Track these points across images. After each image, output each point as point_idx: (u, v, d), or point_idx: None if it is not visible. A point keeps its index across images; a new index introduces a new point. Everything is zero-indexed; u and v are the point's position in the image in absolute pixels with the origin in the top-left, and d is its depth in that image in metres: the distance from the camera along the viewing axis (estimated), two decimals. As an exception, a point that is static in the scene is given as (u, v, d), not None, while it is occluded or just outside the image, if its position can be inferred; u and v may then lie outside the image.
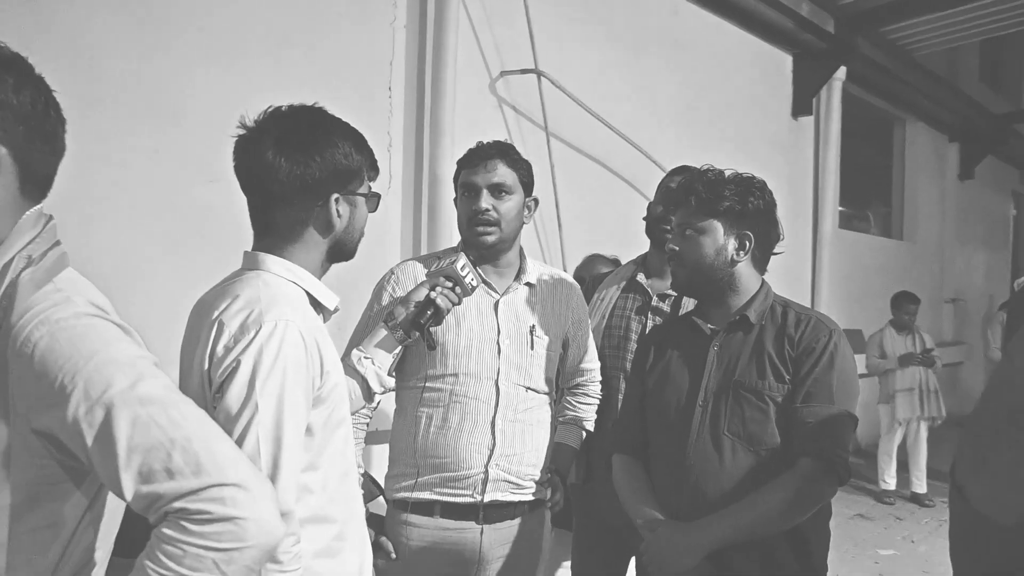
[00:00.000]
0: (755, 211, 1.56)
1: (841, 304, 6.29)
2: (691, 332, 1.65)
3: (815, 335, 1.51)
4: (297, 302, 1.21)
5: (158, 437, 0.89)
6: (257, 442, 1.08)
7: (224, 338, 1.12)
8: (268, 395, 1.09)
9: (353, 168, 1.27)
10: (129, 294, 2.80)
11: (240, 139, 1.25)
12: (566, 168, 4.24)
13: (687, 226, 1.57)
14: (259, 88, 3.02)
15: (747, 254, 1.57)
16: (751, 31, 5.54)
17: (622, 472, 1.68)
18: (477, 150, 1.80)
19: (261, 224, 1.27)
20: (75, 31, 2.62)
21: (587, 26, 4.39)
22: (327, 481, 1.23)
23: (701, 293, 1.63)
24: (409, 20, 3.66)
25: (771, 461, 1.48)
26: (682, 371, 1.62)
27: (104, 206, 2.70)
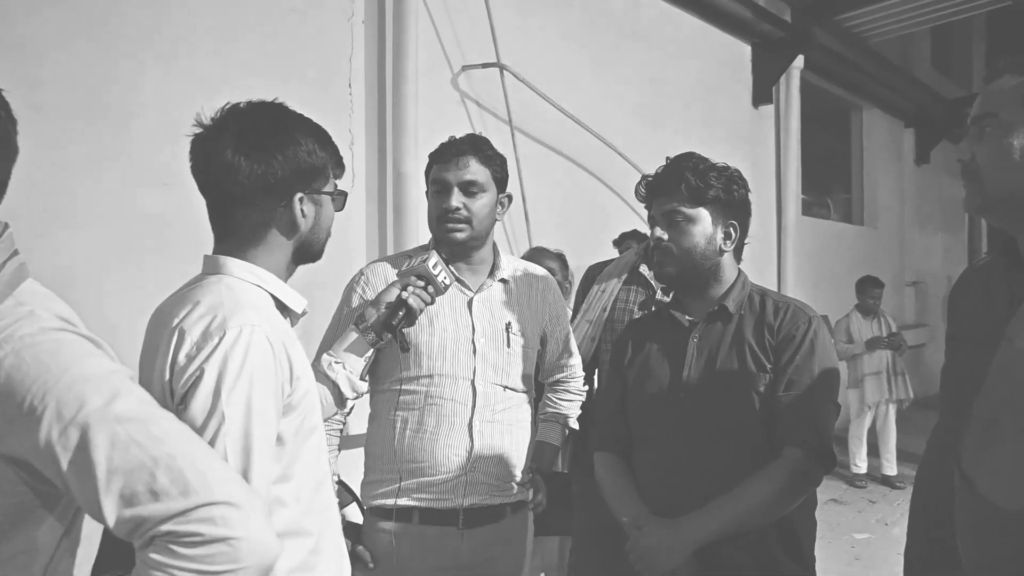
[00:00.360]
0: (740, 201, 1.56)
1: (807, 290, 6.37)
2: (669, 324, 1.62)
3: (794, 323, 1.49)
4: (262, 306, 1.15)
5: (139, 457, 0.83)
6: (225, 454, 1.02)
7: (186, 346, 1.06)
8: (235, 404, 1.03)
9: (317, 166, 1.21)
10: (80, 305, 2.66)
11: (197, 138, 1.18)
12: (532, 162, 4.20)
13: (676, 214, 1.53)
14: (210, 87, 2.90)
15: (733, 244, 1.56)
16: (710, 21, 5.56)
17: (605, 470, 1.64)
18: (449, 145, 1.74)
19: (222, 227, 1.21)
20: (15, 31, 2.49)
21: (547, 18, 4.36)
22: (301, 492, 1.17)
23: (687, 285, 1.58)
24: (368, 15, 3.58)
25: (755, 452, 1.46)
26: (662, 365, 1.59)
27: (50, 213, 2.58)
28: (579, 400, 2.00)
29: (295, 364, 1.15)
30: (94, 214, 2.68)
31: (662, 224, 1.55)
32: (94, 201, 2.68)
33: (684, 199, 1.52)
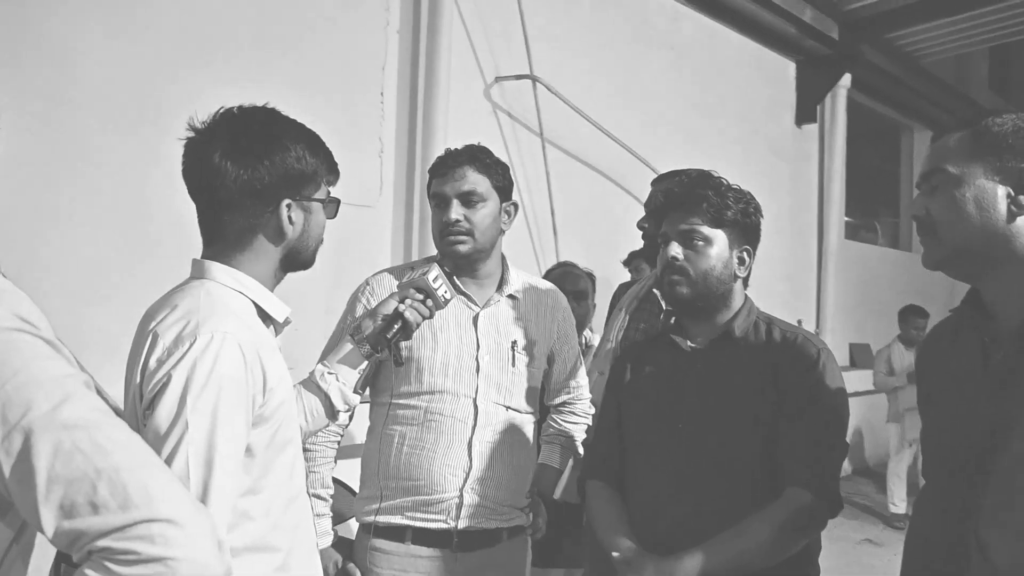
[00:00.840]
0: (755, 227, 1.49)
1: (847, 317, 6.17)
2: (670, 349, 1.54)
3: (802, 354, 1.41)
4: (241, 313, 1.13)
5: (82, 467, 0.79)
6: (186, 464, 0.99)
7: (157, 351, 1.04)
8: (200, 413, 1.00)
9: (307, 172, 1.19)
10: (111, 302, 2.72)
11: (188, 142, 1.17)
12: (562, 174, 4.16)
13: (695, 234, 1.45)
14: (244, 93, 2.93)
15: (746, 270, 1.49)
16: (752, 37, 5.46)
17: (596, 500, 1.56)
18: (445, 157, 1.70)
19: (209, 231, 1.20)
20: (56, 34, 2.55)
21: (583, 31, 4.32)
22: (270, 507, 1.14)
23: (698, 309, 1.50)
24: (403, 25, 3.59)
25: (755, 489, 1.36)
26: (660, 391, 1.51)
27: (83, 211, 2.63)
28: (585, 422, 1.93)
29: (269, 374, 1.12)
30: (125, 213, 2.72)
31: (679, 242, 1.47)
32: (125, 201, 2.72)
33: (704, 219, 1.45)
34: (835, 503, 1.36)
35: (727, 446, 1.39)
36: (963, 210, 1.05)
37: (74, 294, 2.54)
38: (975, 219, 1.04)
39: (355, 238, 3.41)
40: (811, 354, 1.41)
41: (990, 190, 1.04)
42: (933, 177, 1.10)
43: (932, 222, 1.09)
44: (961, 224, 1.05)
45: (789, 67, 5.90)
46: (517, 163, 4.06)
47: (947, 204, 1.06)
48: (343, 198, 3.79)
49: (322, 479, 1.68)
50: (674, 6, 4.89)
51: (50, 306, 2.58)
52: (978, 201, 1.04)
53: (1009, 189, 1.03)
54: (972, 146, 1.06)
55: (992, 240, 1.04)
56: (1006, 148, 1.03)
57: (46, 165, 2.56)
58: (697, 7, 5.01)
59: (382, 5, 3.50)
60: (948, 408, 1.12)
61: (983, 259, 1.06)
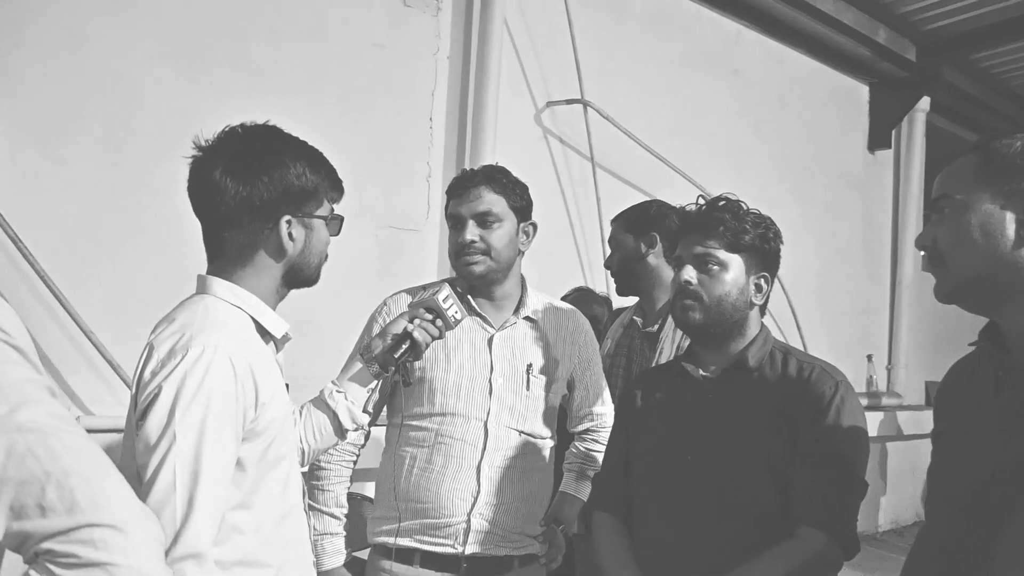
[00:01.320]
0: (773, 253, 1.45)
1: (923, 353, 5.82)
2: (681, 378, 1.49)
3: (818, 387, 1.35)
4: (236, 328, 1.14)
5: (33, 470, 0.80)
6: (173, 475, 1.01)
7: (152, 363, 1.08)
8: (188, 425, 1.02)
9: (307, 189, 1.21)
10: (152, 318, 2.81)
11: (193, 160, 1.21)
12: (613, 200, 4.08)
13: (710, 258, 1.41)
14: (293, 119, 3.01)
15: (763, 298, 1.45)
16: (821, 59, 5.27)
17: (602, 532, 1.51)
18: (461, 177, 1.70)
19: (212, 247, 1.23)
20: (111, 61, 2.69)
21: (637, 54, 4.27)
22: (261, 522, 1.14)
23: (711, 336, 1.45)
24: (452, 51, 3.64)
25: (766, 526, 1.31)
26: (670, 421, 1.47)
27: (135, 230, 2.74)
28: None
29: (262, 389, 1.13)
30: (179, 237, 2.82)
31: (693, 266, 1.43)
32: (180, 224, 2.82)
33: (719, 243, 1.41)
34: (851, 545, 1.30)
35: (735, 482, 1.34)
36: (969, 237, 1.00)
37: (125, 312, 2.64)
38: (981, 246, 0.99)
39: (402, 261, 3.44)
40: (827, 388, 1.36)
41: (997, 215, 0.99)
42: (940, 204, 1.05)
43: (940, 252, 1.04)
44: (968, 253, 1.00)
45: (862, 90, 5.67)
46: (568, 188, 4.03)
47: (953, 232, 1.02)
48: (390, 222, 3.87)
49: (336, 498, 1.69)
50: (736, 28, 4.78)
51: (100, 322, 2.70)
52: (984, 227, 0.99)
53: (1017, 213, 0.96)
54: (979, 170, 1.01)
55: (1001, 268, 0.98)
56: (1014, 170, 0.97)
57: (108, 190, 2.69)
58: (761, 29, 4.88)
59: (432, 32, 3.55)
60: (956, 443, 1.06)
61: (995, 289, 0.99)
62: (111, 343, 2.61)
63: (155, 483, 1.00)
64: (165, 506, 0.99)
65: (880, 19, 5.14)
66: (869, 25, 5.10)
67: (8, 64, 2.50)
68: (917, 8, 5.06)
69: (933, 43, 5.49)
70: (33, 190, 2.54)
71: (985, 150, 1.01)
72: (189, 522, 1.00)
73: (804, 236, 5.13)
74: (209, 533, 1.03)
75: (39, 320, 2.56)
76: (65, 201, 2.60)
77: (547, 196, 3.86)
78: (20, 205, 2.47)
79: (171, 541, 0.98)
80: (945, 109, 6.09)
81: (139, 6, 2.74)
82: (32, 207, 2.52)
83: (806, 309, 5.02)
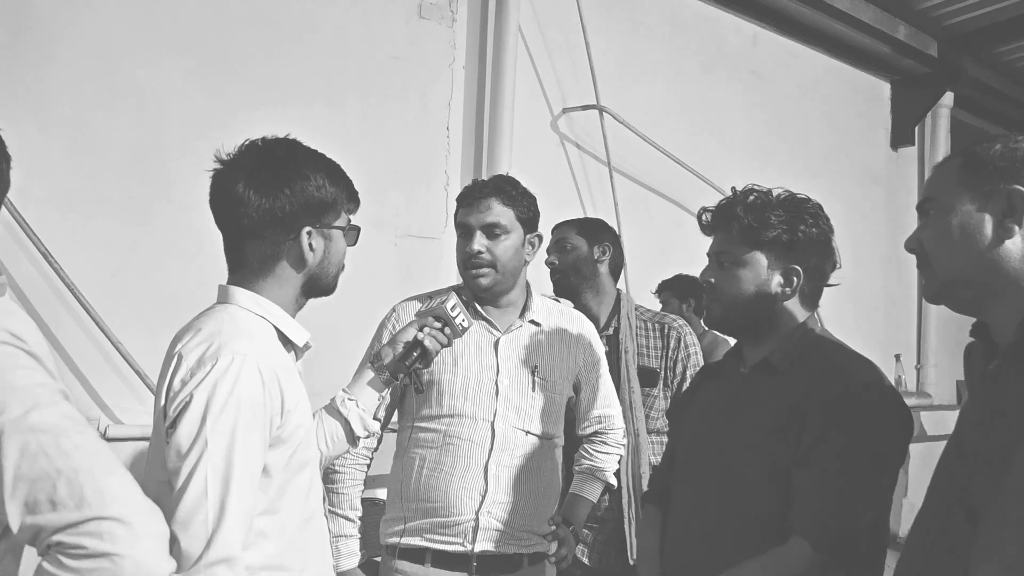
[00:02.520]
0: (806, 241, 1.37)
1: (953, 354, 5.72)
2: (726, 373, 1.49)
3: (834, 386, 1.29)
4: (261, 337, 1.17)
5: (45, 467, 0.87)
6: (205, 482, 1.03)
7: (181, 372, 1.10)
8: (219, 433, 1.05)
9: (327, 200, 1.24)
10: (175, 328, 2.87)
11: (214, 172, 1.24)
12: (631, 204, 4.10)
13: (725, 256, 1.40)
14: (317, 131, 3.07)
15: (794, 291, 1.38)
16: (841, 58, 5.23)
17: (643, 526, 1.55)
18: (472, 188, 1.74)
19: (234, 258, 1.26)
20: (144, 80, 2.77)
21: (652, 58, 4.28)
22: (285, 527, 1.17)
23: (738, 330, 1.46)
24: (468, 61, 3.68)
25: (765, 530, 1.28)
26: (704, 417, 1.47)
27: (165, 246, 2.81)
28: (618, 453, 1.89)
29: (287, 397, 1.15)
30: (203, 248, 2.89)
31: (710, 265, 1.43)
32: (205, 236, 2.89)
33: (735, 240, 1.38)
34: (846, 557, 1.24)
35: (735, 483, 1.33)
36: (950, 239, 1.03)
37: (152, 322, 2.71)
38: (960, 247, 1.02)
39: (421, 269, 3.49)
40: (840, 386, 1.29)
41: (975, 217, 1.02)
42: (925, 207, 1.08)
43: (926, 254, 1.07)
44: (948, 253, 1.04)
45: (883, 87, 5.61)
46: (585, 193, 4.04)
47: (936, 235, 1.05)
48: (409, 230, 3.90)
49: (350, 500, 1.74)
50: (753, 28, 4.76)
51: (129, 333, 2.76)
52: (963, 228, 1.02)
53: (994, 215, 0.99)
54: (960, 173, 1.04)
55: (981, 268, 1.01)
56: (992, 171, 1.00)
57: (136, 205, 2.77)
58: (778, 29, 4.86)
59: (448, 42, 3.60)
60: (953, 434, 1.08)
61: (977, 288, 1.02)
62: (139, 354, 2.68)
63: (187, 490, 1.03)
64: (197, 512, 1.02)
65: (900, 16, 5.08)
66: (889, 22, 5.05)
67: (39, 83, 2.59)
68: (937, 3, 5.00)
69: (954, 38, 5.41)
70: (63, 205, 2.62)
71: (967, 154, 1.05)
72: (221, 527, 1.02)
73: (827, 236, 5.09)
74: (240, 538, 1.06)
75: (69, 332, 2.64)
76: (94, 215, 2.68)
77: (564, 202, 3.87)
78: (50, 220, 2.56)
79: (204, 546, 1.01)
80: (970, 104, 6.00)
81: (165, 26, 2.83)
82: (62, 222, 2.60)
83: (831, 308, 4.92)
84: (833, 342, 1.41)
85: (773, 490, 1.28)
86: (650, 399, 2.18)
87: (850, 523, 1.24)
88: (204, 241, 2.82)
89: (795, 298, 1.40)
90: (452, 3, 3.61)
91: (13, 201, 2.46)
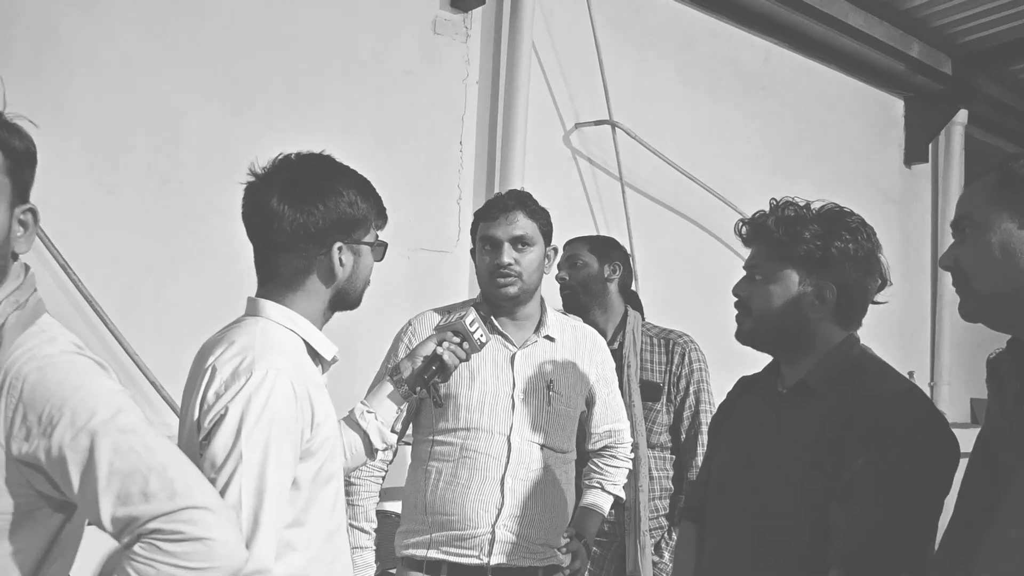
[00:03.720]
0: (842, 256, 1.31)
1: (968, 372, 5.67)
2: (758, 395, 1.45)
3: (875, 414, 1.23)
4: (292, 351, 1.19)
5: (135, 463, 0.95)
6: (240, 493, 1.05)
7: (215, 384, 1.12)
8: (254, 445, 1.07)
9: (358, 217, 1.25)
10: (196, 342, 2.89)
11: (248, 186, 1.26)
12: (643, 220, 4.11)
13: (757, 270, 1.37)
14: (331, 144, 3.11)
15: (828, 308, 1.33)
16: (854, 75, 5.23)
17: (680, 543, 1.55)
18: (496, 201, 1.77)
19: (265, 271, 1.27)
20: (164, 95, 2.82)
21: (664, 75, 4.30)
22: (312, 539, 1.19)
23: (770, 347, 1.40)
24: (482, 76, 3.71)
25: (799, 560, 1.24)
26: (740, 436, 1.44)
27: (181, 257, 2.84)
28: (627, 467, 1.91)
29: (317, 410, 1.17)
30: (220, 262, 2.92)
31: (743, 279, 1.39)
32: (225, 251, 2.93)
33: (766, 254, 1.35)
34: None
35: (769, 513, 1.30)
36: (989, 257, 1.02)
37: (170, 336, 2.73)
38: (1002, 265, 1.01)
39: (433, 282, 3.50)
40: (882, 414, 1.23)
41: (1016, 234, 1.01)
42: (961, 224, 1.08)
43: (963, 272, 1.07)
44: (989, 272, 1.03)
45: (896, 104, 5.60)
46: (597, 209, 4.06)
47: (974, 252, 1.05)
48: (422, 244, 3.92)
49: (365, 512, 1.76)
50: (765, 45, 4.77)
51: (147, 346, 2.79)
52: (1004, 246, 1.01)
53: None
54: (997, 190, 1.03)
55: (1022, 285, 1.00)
56: None
57: (155, 218, 2.80)
58: (791, 46, 4.87)
59: (462, 58, 3.64)
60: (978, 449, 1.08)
61: (1018, 306, 1.01)
62: (156, 365, 2.70)
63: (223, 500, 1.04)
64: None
65: (914, 33, 5.08)
66: (902, 40, 5.05)
67: (61, 97, 2.64)
68: (951, 21, 4.99)
69: (969, 56, 5.40)
70: (83, 218, 2.66)
71: (1002, 170, 1.04)
72: (255, 539, 1.05)
73: (840, 252, 5.06)
74: (272, 549, 1.08)
75: (87, 343, 2.56)
76: (113, 228, 2.71)
77: (577, 217, 3.89)
78: (70, 232, 2.59)
79: None
80: (984, 121, 5.97)
81: (184, 43, 2.88)
82: (82, 235, 2.64)
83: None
84: (875, 362, 1.35)
85: (807, 520, 1.24)
86: (653, 413, 2.22)
87: (892, 557, 1.19)
88: (221, 254, 2.88)
89: (831, 316, 1.34)
90: (466, 19, 3.64)
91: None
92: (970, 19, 4.94)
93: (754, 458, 1.36)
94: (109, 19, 2.72)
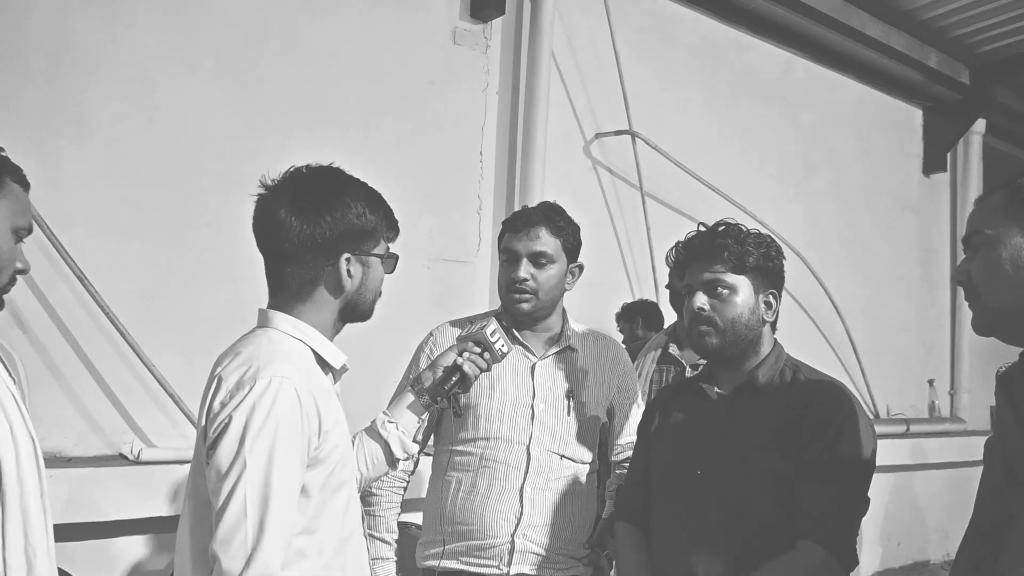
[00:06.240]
0: (778, 270, 1.50)
1: (987, 380, 5.55)
2: (698, 396, 1.54)
3: (825, 403, 1.40)
4: (299, 359, 1.19)
5: None
6: (244, 501, 1.05)
7: (221, 394, 1.12)
8: (257, 453, 1.07)
9: (367, 228, 1.25)
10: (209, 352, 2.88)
11: (258, 198, 1.26)
12: (663, 229, 4.09)
13: (719, 283, 1.45)
14: (352, 155, 3.10)
15: (774, 314, 1.50)
16: (873, 85, 5.22)
17: (622, 543, 1.57)
18: (521, 214, 1.75)
19: (274, 282, 1.27)
20: (182, 106, 2.82)
21: (684, 83, 4.30)
22: (324, 546, 1.18)
23: (728, 358, 1.50)
24: (502, 87, 3.71)
25: (768, 542, 1.36)
26: (683, 437, 1.52)
27: (199, 268, 2.84)
28: None
29: (324, 418, 1.17)
30: (238, 272, 2.92)
31: (703, 293, 1.47)
32: (238, 258, 2.92)
33: (726, 267, 1.45)
34: (849, 560, 1.34)
35: (741, 496, 1.39)
36: (1001, 271, 1.04)
37: (187, 347, 2.72)
38: (1012, 279, 1.03)
39: (454, 292, 3.49)
40: (833, 405, 1.40)
41: None
42: (973, 240, 1.09)
43: (974, 286, 1.08)
44: (1000, 286, 1.05)
45: (915, 114, 5.59)
46: (617, 218, 4.04)
47: (986, 267, 1.06)
48: (443, 254, 3.90)
49: (387, 523, 1.74)
50: (785, 55, 4.77)
51: (164, 357, 2.77)
52: (1015, 261, 1.03)
53: None
54: (1008, 205, 1.05)
55: None
56: None
57: (173, 229, 2.80)
58: (810, 56, 4.86)
59: (482, 68, 3.64)
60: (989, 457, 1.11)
61: None
62: (173, 377, 2.69)
63: (227, 509, 1.05)
64: (237, 531, 1.04)
65: (932, 43, 5.07)
66: (920, 50, 5.04)
67: (79, 109, 2.64)
68: (969, 32, 4.99)
69: (986, 66, 5.40)
70: (101, 229, 2.66)
71: (1013, 186, 1.06)
72: (260, 546, 1.04)
73: (860, 260, 5.04)
74: (279, 556, 1.07)
75: (104, 354, 2.65)
76: (129, 239, 2.71)
77: (597, 226, 3.87)
78: (86, 243, 2.59)
79: (244, 564, 1.03)
80: (1001, 131, 5.95)
81: (203, 52, 2.88)
82: (98, 245, 2.63)
83: (863, 334, 4.91)
84: (800, 361, 1.53)
85: (774, 498, 1.37)
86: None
87: (853, 527, 1.35)
88: (239, 265, 2.87)
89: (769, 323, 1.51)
90: (486, 29, 3.65)
91: (49, 224, 2.50)
92: (987, 29, 4.94)
93: (714, 450, 1.44)
94: (127, 29, 2.72)
